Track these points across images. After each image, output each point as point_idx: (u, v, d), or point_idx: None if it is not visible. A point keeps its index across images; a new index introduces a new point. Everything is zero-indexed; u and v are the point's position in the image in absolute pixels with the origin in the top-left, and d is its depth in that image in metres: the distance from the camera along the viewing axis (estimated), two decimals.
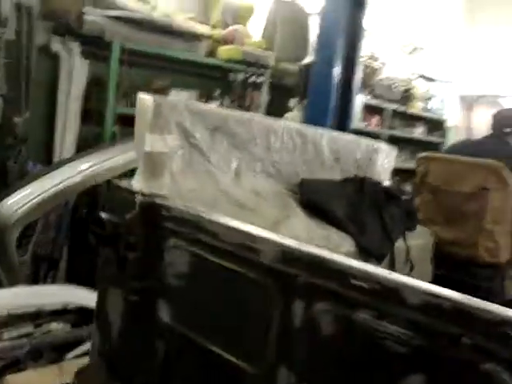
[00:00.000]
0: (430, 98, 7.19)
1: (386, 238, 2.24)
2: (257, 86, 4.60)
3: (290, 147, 2.23)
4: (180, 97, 4.02)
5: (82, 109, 3.85)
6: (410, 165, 3.64)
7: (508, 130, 3.10)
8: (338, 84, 3.61)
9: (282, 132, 2.17)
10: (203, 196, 1.79)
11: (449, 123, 7.54)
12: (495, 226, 2.67)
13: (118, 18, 3.76)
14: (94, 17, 3.72)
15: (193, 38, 4.06)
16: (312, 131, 2.40)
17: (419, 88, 6.92)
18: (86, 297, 3.14)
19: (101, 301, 1.70)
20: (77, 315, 3.02)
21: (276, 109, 4.60)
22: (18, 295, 2.90)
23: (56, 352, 2.85)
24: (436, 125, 7.44)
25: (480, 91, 7.82)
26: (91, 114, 3.89)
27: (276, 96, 4.79)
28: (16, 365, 2.63)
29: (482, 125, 7.66)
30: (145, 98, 1.73)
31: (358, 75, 3.89)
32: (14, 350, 2.64)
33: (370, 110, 6.16)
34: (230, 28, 4.41)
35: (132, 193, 1.60)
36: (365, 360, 1.10)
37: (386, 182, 2.69)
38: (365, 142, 2.72)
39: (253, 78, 4.54)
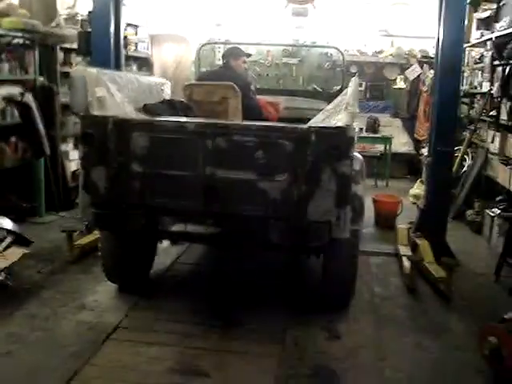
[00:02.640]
0: (138, 42, 9.11)
1: None
2: (32, 48, 5.90)
3: (136, 87, 4.06)
4: None
5: None
6: None
7: (229, 60, 5.34)
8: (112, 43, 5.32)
9: (133, 80, 3.99)
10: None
11: (151, 59, 9.65)
12: (234, 118, 4.90)
13: None
14: None
15: None
16: (138, 77, 4.25)
17: (130, 34, 8.77)
18: None
19: (87, 175, 3.33)
20: None
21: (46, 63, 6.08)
22: None
23: None
24: (144, 62, 9.44)
25: (167, 31, 10.10)
26: None
27: (44, 53, 6.15)
28: None
29: (169, 57, 10.03)
30: (86, 70, 3.35)
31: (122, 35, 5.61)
32: None
33: None
34: (6, 2, 5.55)
35: (101, 117, 3.27)
36: (238, 150, 3.16)
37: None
38: (154, 79, 4.71)
39: (29, 42, 5.82)
